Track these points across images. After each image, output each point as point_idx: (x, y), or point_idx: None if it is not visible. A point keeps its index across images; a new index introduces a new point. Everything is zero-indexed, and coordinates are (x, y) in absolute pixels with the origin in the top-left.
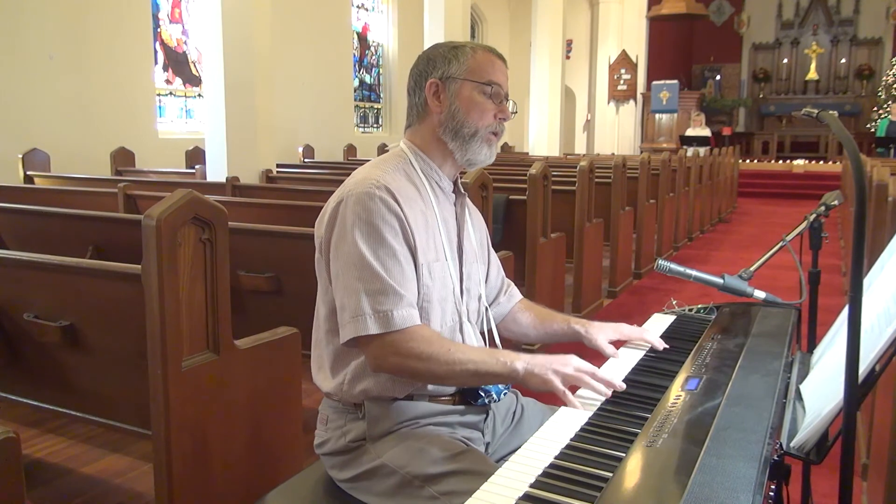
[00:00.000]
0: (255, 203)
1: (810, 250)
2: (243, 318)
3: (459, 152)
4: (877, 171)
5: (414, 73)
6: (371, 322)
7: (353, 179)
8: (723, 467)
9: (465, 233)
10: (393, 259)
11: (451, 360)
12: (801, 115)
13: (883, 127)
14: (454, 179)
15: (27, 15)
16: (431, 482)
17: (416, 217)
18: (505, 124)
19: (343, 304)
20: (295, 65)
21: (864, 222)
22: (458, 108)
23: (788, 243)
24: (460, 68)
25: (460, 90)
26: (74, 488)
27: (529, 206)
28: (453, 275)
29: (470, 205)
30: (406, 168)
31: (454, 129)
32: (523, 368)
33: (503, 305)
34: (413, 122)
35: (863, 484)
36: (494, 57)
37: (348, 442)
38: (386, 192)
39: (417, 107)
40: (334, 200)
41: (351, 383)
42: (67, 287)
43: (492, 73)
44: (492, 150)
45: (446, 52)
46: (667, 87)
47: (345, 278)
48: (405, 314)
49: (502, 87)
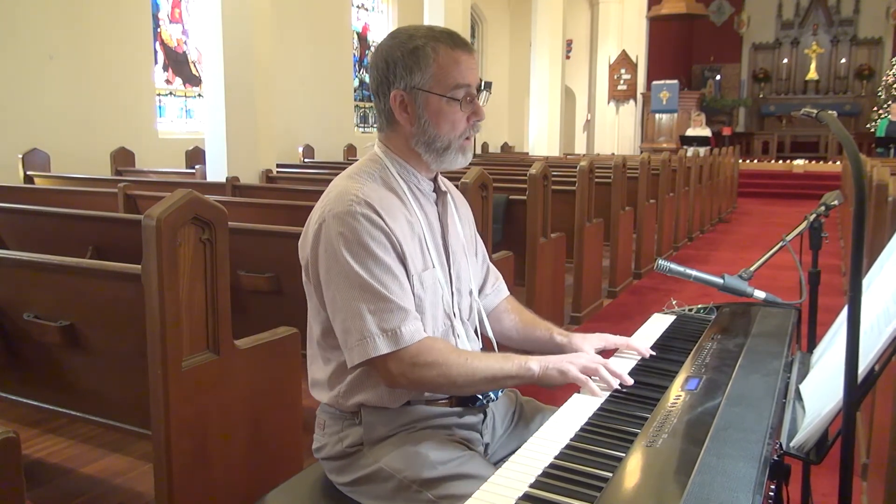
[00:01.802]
0: (255, 203)
1: (810, 250)
2: (243, 318)
3: (434, 163)
4: (877, 171)
5: (374, 76)
6: (381, 341)
7: (331, 195)
8: (723, 467)
9: (452, 230)
10: (388, 274)
11: (468, 369)
12: (801, 115)
13: (883, 127)
14: (433, 178)
15: (27, 15)
16: (429, 486)
17: (402, 226)
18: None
19: (347, 328)
20: (295, 65)
21: (863, 222)
22: (428, 122)
23: (788, 243)
24: (423, 77)
25: (427, 103)
26: (74, 488)
27: (529, 206)
28: (442, 280)
29: (454, 197)
30: (383, 175)
31: (426, 142)
32: (539, 366)
33: (490, 299)
34: (384, 127)
35: (863, 484)
36: (459, 52)
37: (345, 447)
38: (367, 206)
39: (385, 113)
40: (315, 220)
41: (346, 396)
42: (67, 287)
43: (458, 76)
44: (467, 156)
45: (405, 56)
46: (667, 87)
47: (343, 301)
48: (413, 328)
49: (472, 86)
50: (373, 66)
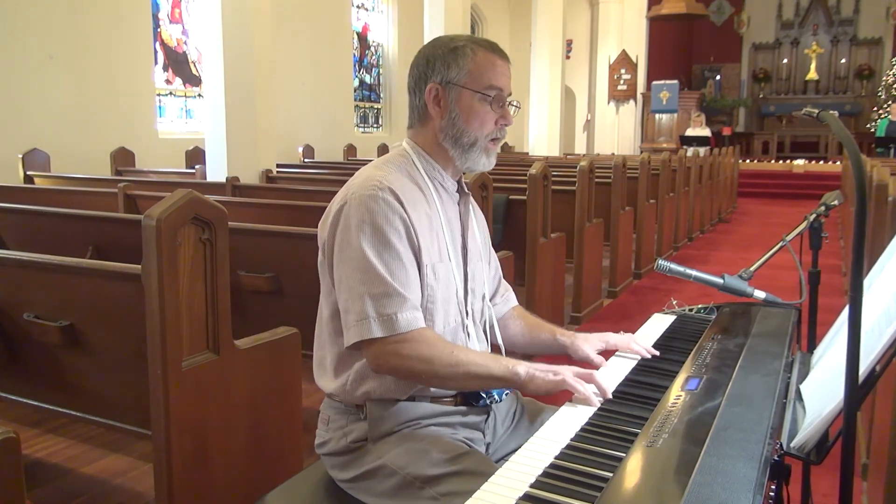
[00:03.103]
0: (255, 203)
1: (810, 250)
2: (243, 318)
3: (459, 159)
4: (877, 171)
5: (413, 74)
6: (375, 325)
7: (357, 180)
8: (723, 467)
9: (470, 232)
10: (397, 261)
11: (452, 362)
12: (801, 114)
13: (883, 127)
14: (458, 179)
15: (27, 15)
16: (432, 483)
17: (420, 218)
18: (511, 125)
19: (347, 308)
20: (295, 65)
21: (864, 222)
22: (458, 116)
23: (788, 243)
24: (460, 73)
25: (460, 97)
26: (74, 488)
27: (529, 206)
28: (457, 276)
29: (473, 203)
30: (409, 169)
31: (454, 136)
32: (525, 372)
33: (498, 308)
34: (415, 124)
35: (863, 484)
36: (496, 57)
37: (349, 442)
38: (390, 193)
39: (418, 109)
40: (338, 202)
41: (354, 384)
42: (67, 287)
43: (493, 77)
44: (491, 159)
45: (445, 54)
46: (667, 87)
47: (349, 281)
48: (409, 317)
49: (504, 90)
50: (413, 66)
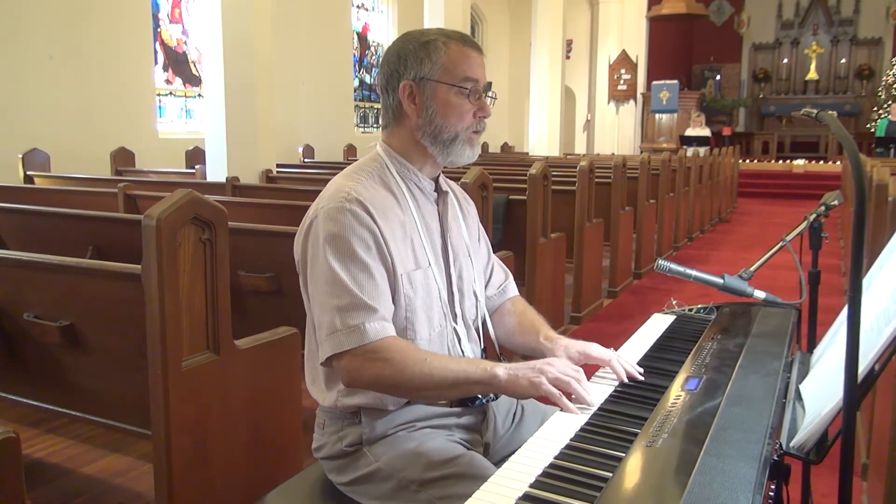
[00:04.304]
0: (255, 203)
1: (810, 250)
2: (243, 318)
3: (440, 155)
4: (877, 171)
5: (385, 71)
6: (344, 337)
7: (327, 192)
8: (723, 467)
9: (453, 231)
10: (365, 273)
11: (426, 370)
12: (801, 115)
13: (882, 127)
14: (436, 177)
15: (27, 15)
16: (428, 486)
17: (393, 227)
18: (487, 119)
19: (319, 322)
20: (295, 65)
21: (863, 222)
22: (436, 112)
23: (788, 243)
24: (433, 68)
25: (436, 93)
26: (74, 488)
27: (529, 206)
28: (438, 280)
29: (458, 197)
30: (382, 174)
31: (432, 133)
32: (505, 373)
33: (493, 300)
34: (389, 124)
35: (863, 484)
36: (469, 48)
37: (345, 446)
38: (357, 204)
39: (392, 108)
40: (309, 217)
41: (345, 397)
42: (67, 287)
43: (467, 69)
44: (474, 150)
45: (417, 49)
46: (667, 87)
47: (319, 296)
48: (378, 327)
49: (479, 82)
50: (384, 63)
